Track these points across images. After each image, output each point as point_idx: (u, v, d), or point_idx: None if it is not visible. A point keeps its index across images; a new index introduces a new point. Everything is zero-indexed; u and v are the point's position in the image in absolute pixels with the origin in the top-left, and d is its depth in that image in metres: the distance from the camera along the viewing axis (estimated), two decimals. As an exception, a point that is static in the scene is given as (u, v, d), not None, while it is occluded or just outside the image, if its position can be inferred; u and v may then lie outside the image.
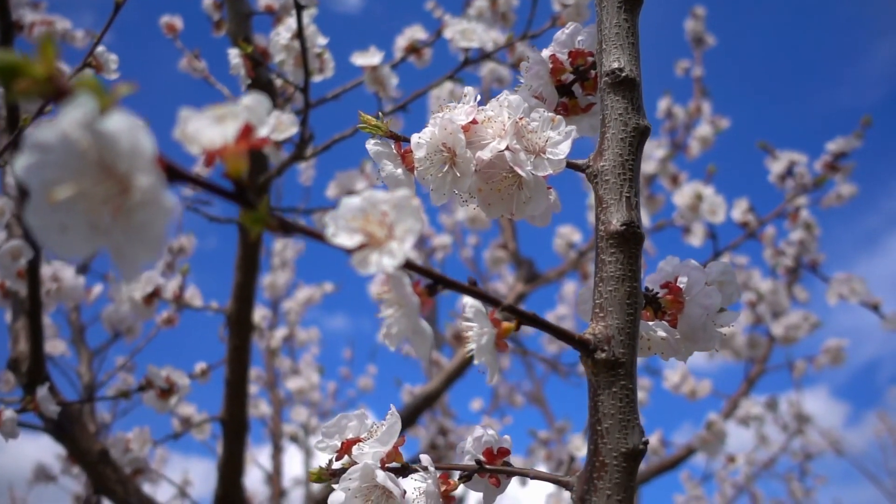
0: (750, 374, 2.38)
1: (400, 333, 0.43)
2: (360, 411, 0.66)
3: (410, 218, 0.39)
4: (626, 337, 0.53)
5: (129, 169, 0.29)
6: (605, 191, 0.56)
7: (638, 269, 0.55)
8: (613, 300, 0.54)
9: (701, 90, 3.10)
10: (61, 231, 0.30)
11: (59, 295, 1.58)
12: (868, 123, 1.81)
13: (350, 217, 0.39)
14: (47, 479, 2.55)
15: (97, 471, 1.52)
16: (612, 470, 0.51)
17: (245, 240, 1.52)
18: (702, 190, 1.68)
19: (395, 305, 0.43)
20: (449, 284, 0.46)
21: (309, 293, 3.30)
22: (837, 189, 2.52)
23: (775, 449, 3.46)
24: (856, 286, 1.61)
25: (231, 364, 1.56)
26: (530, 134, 0.58)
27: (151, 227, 0.30)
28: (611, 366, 0.52)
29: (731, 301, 0.67)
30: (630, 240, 0.55)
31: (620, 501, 0.51)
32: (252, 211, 0.36)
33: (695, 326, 0.62)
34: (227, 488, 1.64)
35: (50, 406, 1.12)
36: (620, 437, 0.51)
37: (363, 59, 1.30)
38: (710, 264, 0.65)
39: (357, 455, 0.61)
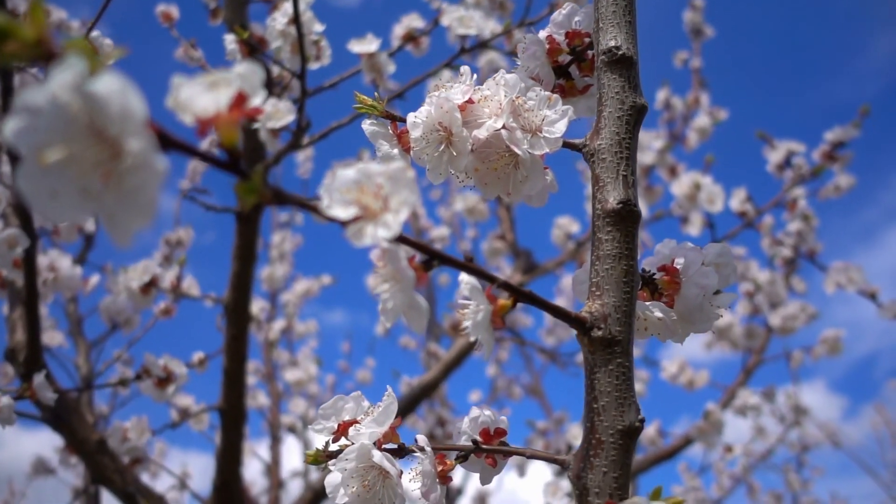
0: (747, 365, 2.39)
1: (396, 308, 0.43)
2: (356, 394, 0.66)
3: (405, 190, 0.39)
4: (623, 315, 0.53)
5: (119, 132, 0.29)
6: (602, 169, 0.56)
7: (634, 248, 0.55)
8: (610, 278, 0.54)
9: (699, 81, 3.10)
10: (52, 197, 0.30)
11: (55, 284, 1.58)
12: (866, 112, 1.81)
13: (344, 189, 0.39)
14: (46, 472, 2.55)
15: (95, 460, 1.52)
16: (608, 447, 0.51)
17: (242, 229, 1.51)
18: (700, 179, 1.68)
19: (391, 280, 0.43)
20: (445, 260, 0.46)
21: (307, 286, 3.29)
22: (836, 180, 2.52)
23: (772, 440, 3.47)
24: (853, 275, 1.61)
25: (229, 353, 1.56)
26: (527, 113, 0.57)
27: (143, 192, 0.30)
28: (607, 343, 0.52)
29: (728, 283, 0.67)
30: (627, 218, 0.54)
31: (617, 478, 0.51)
32: (246, 181, 0.36)
33: (691, 307, 0.62)
34: (225, 477, 1.64)
35: (47, 393, 1.12)
36: (617, 414, 0.51)
37: (360, 46, 1.29)
38: (707, 246, 0.65)
39: (353, 436, 0.61)
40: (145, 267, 1.47)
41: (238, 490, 1.68)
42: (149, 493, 1.50)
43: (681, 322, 0.64)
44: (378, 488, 0.59)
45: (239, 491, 1.68)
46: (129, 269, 1.47)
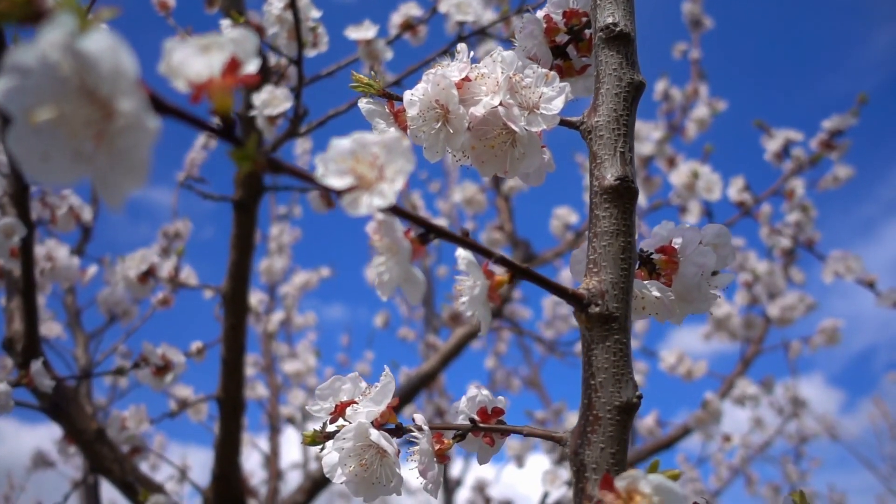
0: (746, 355, 2.39)
1: (392, 281, 0.43)
2: (353, 374, 0.66)
3: (401, 158, 0.38)
4: (620, 291, 0.53)
5: (111, 92, 0.29)
6: (600, 146, 0.56)
7: (632, 224, 0.55)
8: (607, 255, 0.54)
9: (698, 73, 3.09)
10: (44, 159, 0.30)
11: (53, 274, 1.57)
12: (864, 101, 1.80)
13: (340, 158, 0.39)
14: (46, 465, 2.55)
15: (93, 450, 1.52)
16: (605, 423, 0.51)
17: (240, 218, 1.51)
18: (698, 168, 1.68)
19: (387, 252, 0.43)
20: (441, 233, 0.46)
21: (306, 278, 3.29)
22: (834, 171, 2.52)
23: (771, 432, 3.49)
24: (851, 264, 1.61)
25: (227, 343, 1.56)
26: (524, 90, 0.57)
27: (136, 153, 0.29)
28: (604, 320, 0.52)
29: (726, 264, 0.67)
30: (624, 194, 0.54)
31: (614, 454, 0.51)
32: (240, 148, 0.36)
33: (689, 286, 0.62)
34: (224, 467, 1.64)
35: (44, 380, 1.11)
36: (614, 390, 0.51)
37: (357, 32, 1.29)
38: (705, 227, 0.65)
39: (351, 415, 0.61)
40: (143, 256, 1.47)
41: (237, 480, 1.68)
42: (148, 483, 1.50)
43: (678, 302, 0.64)
44: (375, 467, 0.59)
45: (238, 481, 1.68)
46: (127, 258, 1.46)
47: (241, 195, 1.49)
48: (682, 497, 0.42)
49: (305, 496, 1.71)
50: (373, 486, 0.59)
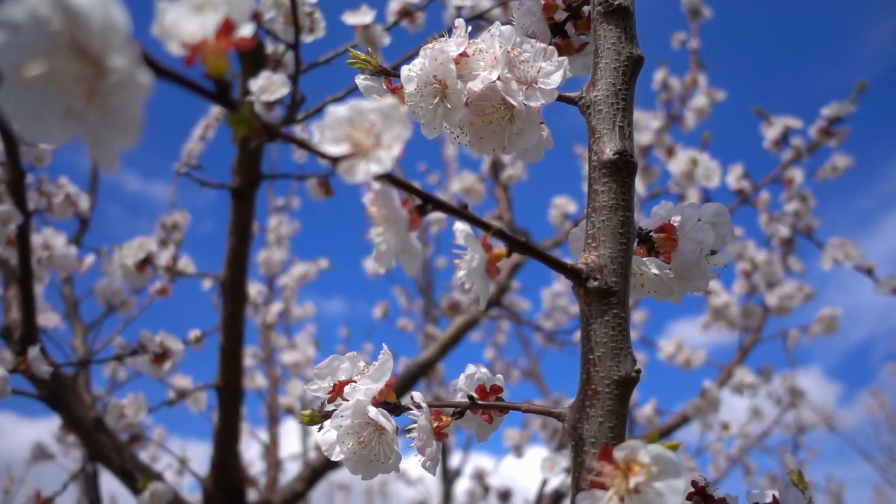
0: (744, 344, 2.39)
1: (389, 251, 0.43)
2: (351, 354, 0.66)
3: (398, 125, 0.38)
4: (619, 266, 0.53)
5: (102, 48, 0.28)
6: (598, 121, 0.56)
7: (631, 199, 0.54)
8: (606, 229, 0.53)
9: (697, 63, 3.08)
10: (35, 118, 0.29)
11: (50, 263, 1.57)
12: (864, 88, 1.80)
13: (336, 125, 0.39)
14: (45, 457, 2.56)
15: (92, 438, 1.52)
16: (604, 397, 0.51)
17: (238, 205, 1.50)
18: (697, 155, 1.67)
19: (385, 222, 0.42)
20: (439, 205, 0.45)
21: (304, 269, 3.29)
22: (833, 161, 2.52)
23: (769, 422, 3.50)
24: (850, 251, 1.61)
25: (225, 331, 1.56)
26: (522, 64, 0.57)
27: (128, 110, 0.29)
28: (603, 294, 0.52)
29: (725, 242, 0.66)
30: (623, 169, 0.54)
31: (612, 428, 0.50)
32: (235, 112, 0.35)
33: (688, 262, 0.61)
34: (223, 456, 1.64)
35: (41, 366, 1.11)
36: (613, 364, 0.51)
37: (354, 18, 1.28)
38: (704, 205, 0.65)
39: (349, 393, 0.60)
40: (140, 244, 1.46)
41: (236, 469, 1.68)
42: (146, 471, 1.50)
43: (677, 280, 0.63)
44: (374, 444, 0.58)
45: (237, 470, 1.68)
46: (124, 246, 1.46)
47: (239, 183, 1.49)
48: (681, 466, 0.42)
49: (305, 484, 1.71)
50: (371, 464, 0.59)
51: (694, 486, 0.66)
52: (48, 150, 1.42)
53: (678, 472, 0.42)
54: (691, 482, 0.67)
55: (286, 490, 1.70)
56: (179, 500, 1.58)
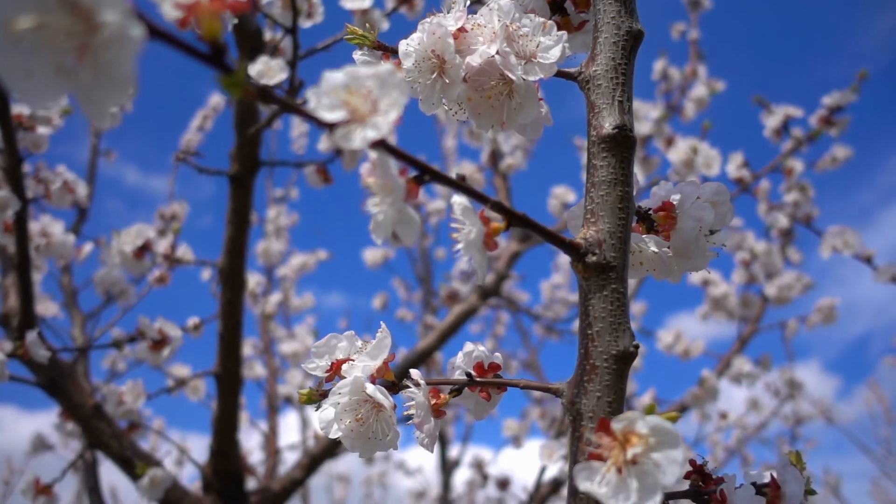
0: (743, 334, 2.39)
1: (387, 221, 0.42)
2: (349, 333, 0.66)
3: (395, 91, 0.38)
4: (618, 241, 0.53)
5: (93, 2, 0.28)
6: (597, 96, 0.55)
7: (630, 174, 0.54)
8: (605, 204, 0.53)
9: (697, 53, 3.07)
10: (27, 76, 0.29)
11: (48, 250, 1.56)
12: (865, 76, 1.79)
13: (332, 91, 0.38)
14: (45, 447, 2.56)
15: (91, 425, 1.52)
16: (602, 372, 0.51)
17: (236, 192, 1.50)
18: (697, 144, 1.67)
19: (382, 192, 0.42)
20: (437, 176, 0.45)
21: (303, 260, 3.28)
22: (832, 152, 2.51)
23: (767, 413, 3.51)
24: (849, 239, 1.60)
25: (224, 318, 1.56)
26: (521, 39, 0.56)
27: (120, 65, 0.29)
28: (601, 269, 0.52)
29: (724, 221, 0.66)
30: (622, 143, 0.54)
31: (610, 403, 0.50)
32: (230, 74, 0.35)
33: (687, 240, 0.61)
34: (222, 443, 1.64)
35: (39, 351, 1.11)
36: (611, 339, 0.51)
37: (353, 2, 1.27)
38: (704, 184, 0.65)
39: (347, 370, 0.60)
40: (139, 230, 1.46)
41: (235, 456, 1.68)
42: (146, 458, 1.50)
43: (676, 258, 0.63)
44: (371, 421, 0.58)
45: (236, 457, 1.68)
46: (122, 233, 1.45)
47: (237, 170, 1.48)
48: (679, 437, 0.42)
49: (304, 472, 1.72)
50: (369, 441, 0.59)
51: (692, 464, 0.66)
52: (45, 136, 1.41)
53: (676, 442, 0.42)
54: (689, 461, 0.67)
55: (285, 477, 1.71)
56: (178, 487, 1.58)
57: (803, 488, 0.64)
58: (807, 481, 0.65)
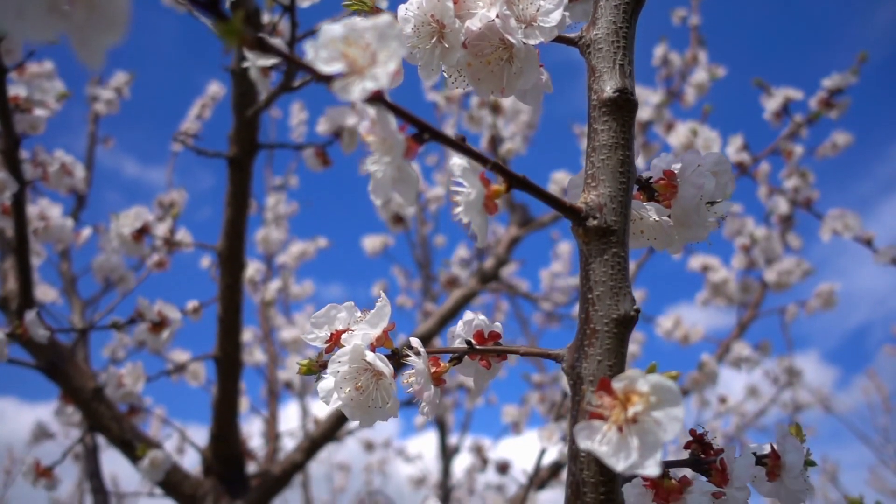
0: (742, 319, 2.40)
1: (386, 179, 0.42)
2: (349, 303, 0.65)
3: (394, 42, 0.37)
4: (619, 205, 0.52)
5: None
6: (598, 60, 0.55)
7: (631, 138, 0.54)
8: (606, 168, 0.53)
9: (698, 39, 3.05)
10: (19, 15, 0.28)
11: (46, 234, 1.56)
12: (865, 59, 1.78)
13: (331, 43, 0.38)
14: (46, 436, 2.56)
15: (91, 408, 1.52)
16: (602, 336, 0.50)
17: (234, 175, 1.49)
18: (697, 127, 1.66)
19: (381, 148, 0.42)
20: (436, 135, 0.45)
21: (303, 247, 3.28)
22: (833, 138, 2.51)
23: (766, 401, 3.52)
24: (850, 221, 1.60)
25: (223, 302, 1.55)
26: (521, 3, 0.56)
27: (114, 4, 0.28)
28: (602, 233, 0.51)
29: (725, 192, 0.66)
30: (623, 107, 0.53)
31: (611, 367, 0.50)
32: (226, 22, 0.34)
33: (688, 208, 0.61)
34: (222, 427, 1.65)
35: (38, 330, 1.11)
36: (612, 303, 0.51)
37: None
38: (705, 154, 0.64)
39: (346, 339, 0.60)
40: (137, 213, 1.45)
41: (235, 440, 1.69)
42: (146, 440, 1.51)
43: (677, 227, 0.63)
44: (371, 389, 0.58)
45: (236, 441, 1.69)
46: (121, 216, 1.45)
47: (236, 152, 1.48)
48: (679, 395, 0.42)
49: (304, 455, 1.72)
50: (369, 410, 0.59)
51: (692, 434, 0.66)
52: (42, 118, 1.40)
53: (677, 400, 0.42)
54: (690, 431, 0.66)
55: (286, 461, 1.71)
56: (178, 470, 1.58)
57: (803, 458, 0.64)
58: (806, 452, 0.65)
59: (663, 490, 0.60)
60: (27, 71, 1.78)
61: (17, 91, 1.40)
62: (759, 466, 0.64)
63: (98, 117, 2.73)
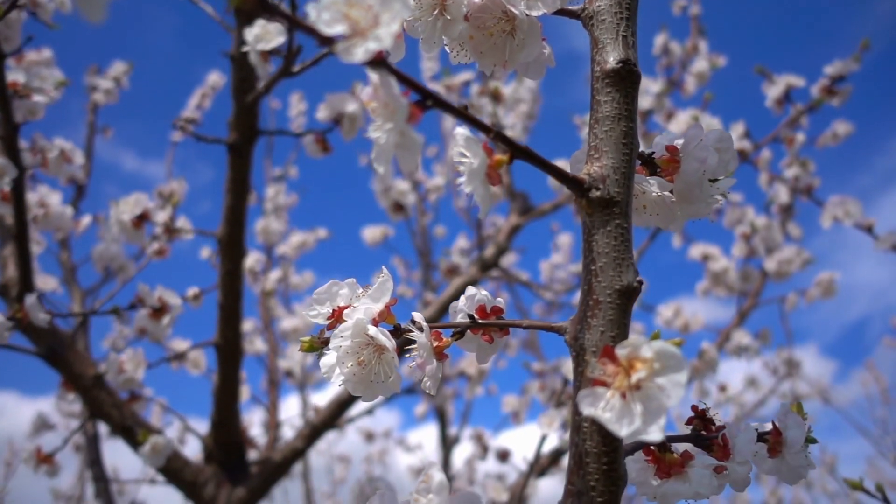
0: (742, 308, 2.40)
1: (388, 145, 0.42)
2: (350, 280, 0.65)
3: (396, 3, 0.37)
4: (622, 176, 0.52)
5: None
6: (601, 31, 0.54)
7: (634, 110, 0.53)
8: (609, 140, 0.52)
9: (698, 28, 3.05)
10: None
11: (46, 221, 1.56)
12: (867, 46, 1.78)
13: (332, 4, 0.37)
14: (46, 427, 2.57)
15: (92, 395, 1.52)
16: (605, 307, 0.50)
17: (234, 161, 1.49)
18: (698, 114, 1.66)
19: (384, 112, 0.42)
20: (439, 103, 0.44)
21: (303, 238, 3.28)
22: (833, 128, 2.50)
23: (765, 391, 3.53)
24: (850, 208, 1.60)
25: (224, 288, 1.55)
26: (523, -26, 0.55)
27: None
28: (605, 204, 0.51)
29: (728, 169, 0.65)
30: (626, 78, 0.53)
31: (614, 338, 0.50)
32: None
33: (691, 182, 0.60)
34: (223, 414, 1.65)
35: (39, 314, 1.11)
36: (615, 274, 0.51)
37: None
38: (707, 131, 0.64)
39: (348, 314, 0.60)
40: (137, 200, 1.45)
41: (236, 427, 1.69)
42: (147, 426, 1.51)
43: (679, 202, 0.63)
44: (374, 364, 0.58)
45: (237, 427, 1.69)
46: (121, 202, 1.45)
47: (235, 138, 1.47)
48: (683, 360, 0.42)
49: (305, 442, 1.72)
50: (371, 384, 0.59)
51: (694, 410, 0.66)
52: (41, 104, 1.40)
53: (681, 365, 0.42)
54: (692, 406, 0.67)
55: (286, 447, 1.71)
56: (179, 457, 1.59)
57: (805, 435, 0.64)
58: (808, 429, 0.65)
59: (665, 464, 0.60)
60: (25, 59, 1.77)
61: (16, 77, 1.40)
62: (760, 443, 0.64)
63: (97, 107, 2.73)
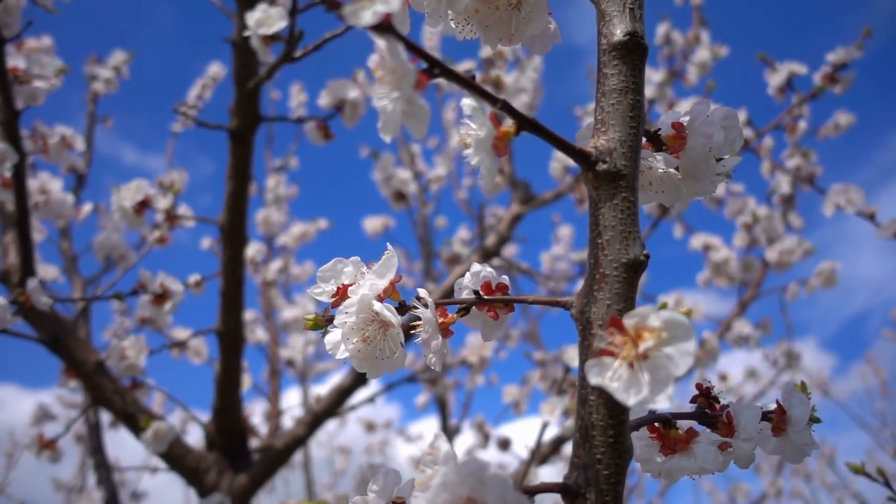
0: (743, 298, 2.40)
1: (395, 113, 0.42)
2: (355, 258, 0.65)
3: (405, -34, 0.36)
4: (629, 150, 0.52)
5: None
6: (608, 4, 0.54)
7: (641, 83, 0.53)
8: (616, 113, 0.52)
9: (700, 19, 3.03)
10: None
11: (47, 208, 1.55)
12: (869, 34, 1.77)
13: (341, -33, 0.37)
14: (48, 418, 2.57)
15: (94, 382, 1.52)
16: (612, 281, 0.50)
17: (235, 148, 1.48)
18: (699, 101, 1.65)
19: (391, 79, 0.41)
20: (446, 71, 0.44)
21: (303, 229, 3.27)
22: (835, 119, 2.49)
23: (764, 382, 3.54)
24: (853, 196, 1.60)
25: (225, 275, 1.55)
26: (530, -54, 0.55)
27: None
28: (612, 177, 0.51)
29: (733, 147, 0.65)
30: (633, 51, 0.52)
31: (620, 311, 0.50)
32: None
33: (697, 158, 0.60)
34: (224, 401, 1.65)
35: (41, 298, 1.11)
36: (621, 248, 0.50)
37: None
38: (713, 109, 0.64)
39: (353, 291, 0.60)
40: (138, 186, 1.45)
41: (238, 414, 1.69)
42: (149, 413, 1.51)
43: (685, 179, 0.62)
44: (378, 340, 0.58)
45: (238, 415, 1.69)
46: (122, 189, 1.44)
47: (237, 124, 1.47)
48: (692, 329, 0.42)
49: (306, 429, 1.73)
50: (376, 361, 0.59)
51: (698, 388, 0.66)
52: (42, 89, 1.39)
53: (689, 334, 0.41)
54: (696, 384, 0.67)
55: (288, 435, 1.72)
56: (181, 444, 1.59)
57: (809, 413, 0.64)
58: (812, 408, 0.65)
59: (670, 440, 0.60)
60: (25, 46, 1.77)
61: (16, 63, 1.39)
62: (764, 423, 0.64)
63: (97, 97, 2.72)
